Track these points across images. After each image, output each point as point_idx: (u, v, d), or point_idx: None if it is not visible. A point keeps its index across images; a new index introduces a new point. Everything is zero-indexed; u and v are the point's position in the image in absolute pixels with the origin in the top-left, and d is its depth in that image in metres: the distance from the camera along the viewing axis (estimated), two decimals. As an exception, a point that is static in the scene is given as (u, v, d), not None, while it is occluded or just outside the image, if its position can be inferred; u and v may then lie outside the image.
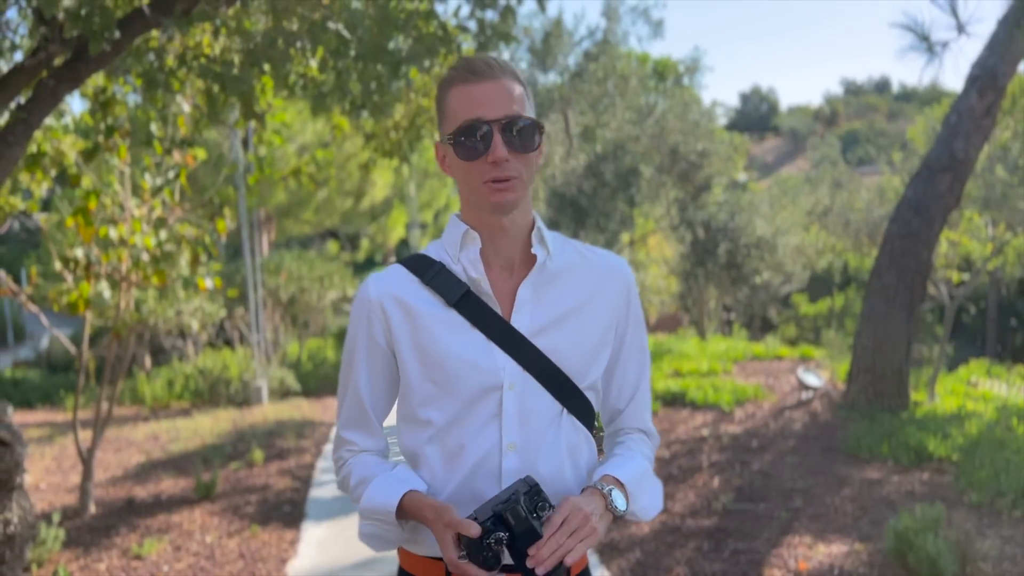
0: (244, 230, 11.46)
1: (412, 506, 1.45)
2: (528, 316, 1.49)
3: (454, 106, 1.45)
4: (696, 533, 4.87)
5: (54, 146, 5.50)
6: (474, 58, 1.47)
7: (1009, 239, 9.54)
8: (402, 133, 6.78)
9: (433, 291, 1.50)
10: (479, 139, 1.41)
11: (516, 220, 1.49)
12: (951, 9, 7.58)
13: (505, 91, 1.43)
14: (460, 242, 1.51)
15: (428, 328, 1.48)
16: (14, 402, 11.40)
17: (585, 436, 1.55)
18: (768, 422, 7.60)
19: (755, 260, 14.93)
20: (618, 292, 1.57)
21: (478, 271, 1.48)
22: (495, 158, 1.40)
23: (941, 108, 12.30)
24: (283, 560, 4.83)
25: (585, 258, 1.58)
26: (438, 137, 1.50)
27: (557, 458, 1.49)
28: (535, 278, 1.50)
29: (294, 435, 8.39)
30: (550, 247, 1.51)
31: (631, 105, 15.48)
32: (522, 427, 1.47)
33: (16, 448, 3.62)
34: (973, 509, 5.07)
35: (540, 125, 1.45)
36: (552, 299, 1.51)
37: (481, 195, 1.44)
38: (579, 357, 1.51)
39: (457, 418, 1.48)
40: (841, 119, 76.53)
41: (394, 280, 1.53)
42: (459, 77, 1.45)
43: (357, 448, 1.59)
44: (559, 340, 1.49)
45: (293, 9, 4.19)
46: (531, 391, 1.48)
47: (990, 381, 10.53)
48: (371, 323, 1.52)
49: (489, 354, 1.47)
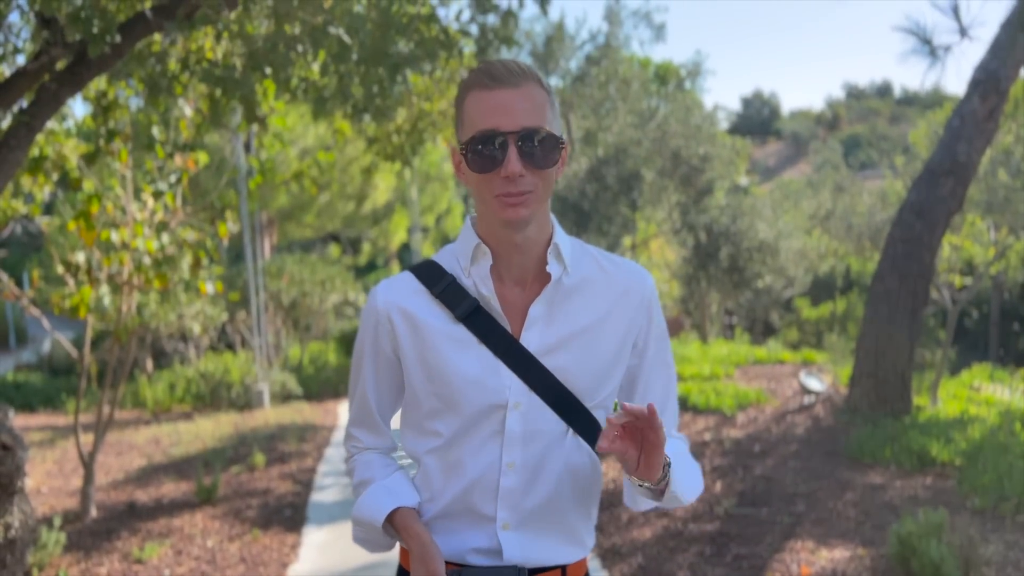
0: (246, 234, 11.46)
1: (400, 525, 1.44)
2: (539, 335, 1.45)
3: (471, 113, 1.38)
4: (698, 538, 4.86)
5: (56, 150, 5.51)
6: (496, 62, 1.38)
7: (1012, 243, 9.52)
8: (404, 137, 6.78)
9: (442, 304, 1.46)
10: (494, 150, 1.34)
11: (530, 236, 1.42)
12: (954, 13, 7.57)
13: (525, 100, 1.35)
14: (471, 255, 1.46)
15: (434, 344, 1.45)
16: (16, 405, 11.41)
17: (590, 456, 1.51)
18: (770, 426, 7.59)
19: (757, 264, 14.92)
20: (637, 306, 1.51)
21: (488, 288, 1.44)
22: (508, 173, 1.33)
23: (943, 112, 12.30)
24: (284, 564, 4.82)
25: (604, 271, 1.51)
26: (455, 142, 1.46)
27: (558, 479, 1.46)
28: (549, 295, 1.45)
29: (295, 439, 8.38)
30: (567, 261, 1.45)
31: (633, 109, 15.49)
32: (524, 447, 1.44)
33: (17, 452, 3.62)
34: (976, 514, 5.05)
35: (560, 139, 1.38)
36: (565, 316, 1.46)
37: (493, 209, 1.38)
38: (590, 376, 1.46)
39: (460, 433, 1.45)
40: (843, 123, 76.56)
41: (403, 290, 1.50)
42: (478, 82, 1.37)
43: (362, 445, 1.59)
44: (569, 359, 1.45)
45: (295, 13, 4.19)
46: (536, 410, 1.44)
47: (993, 385, 10.51)
48: (378, 333, 1.50)
49: (495, 372, 1.43)
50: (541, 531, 1.47)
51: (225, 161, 11.98)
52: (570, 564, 1.51)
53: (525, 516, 1.45)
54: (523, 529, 1.46)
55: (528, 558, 1.45)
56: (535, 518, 1.46)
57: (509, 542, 1.45)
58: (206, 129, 5.80)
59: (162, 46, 4.80)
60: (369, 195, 20.28)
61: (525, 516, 1.45)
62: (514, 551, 1.45)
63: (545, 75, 18.25)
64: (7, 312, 20.80)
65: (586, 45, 17.80)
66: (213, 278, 6.61)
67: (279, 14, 4.20)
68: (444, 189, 25.16)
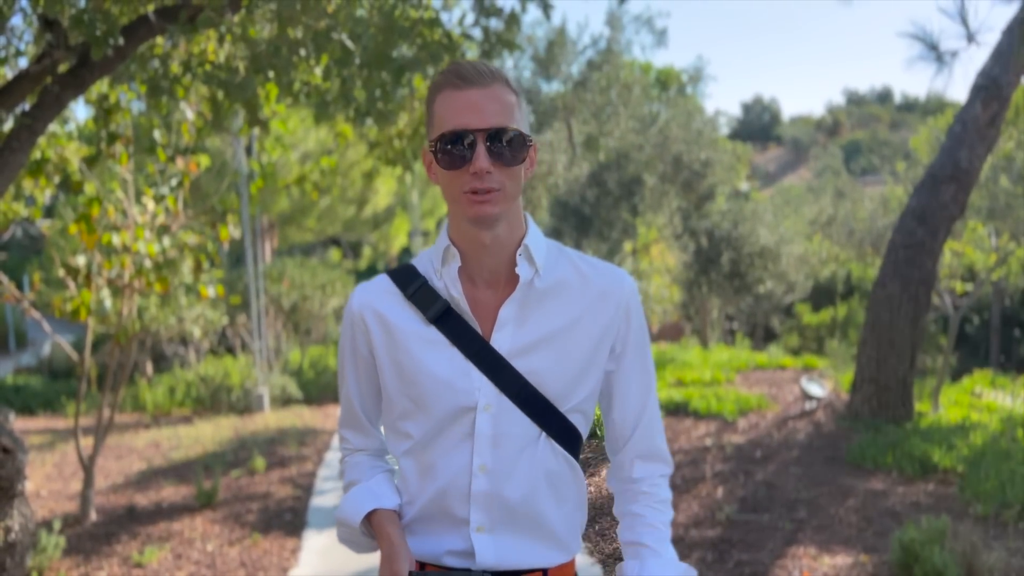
0: (246, 237, 11.46)
1: (377, 525, 1.47)
2: (509, 336, 1.44)
3: (440, 112, 1.39)
4: (700, 544, 4.84)
5: (57, 152, 5.50)
6: (464, 63, 1.40)
7: (1013, 249, 9.51)
8: (406, 141, 6.77)
9: (414, 306, 1.47)
10: (463, 148, 1.36)
11: (500, 236, 1.42)
12: (961, 18, 7.57)
13: (494, 100, 1.37)
14: (442, 257, 1.46)
15: (406, 345, 1.46)
16: (16, 408, 11.40)
17: (567, 461, 1.49)
18: (772, 432, 7.57)
19: (758, 269, 14.91)
20: (614, 311, 1.49)
21: (457, 290, 1.44)
22: (476, 169, 1.34)
23: (944, 118, 12.29)
24: (284, 569, 4.81)
25: (581, 274, 1.50)
26: (426, 145, 1.47)
27: (531, 483, 1.45)
28: (520, 297, 1.44)
29: (296, 443, 8.37)
30: (540, 263, 1.45)
31: (634, 114, 15.50)
32: (494, 449, 1.44)
33: (17, 455, 3.61)
34: (979, 521, 5.04)
35: (528, 137, 1.39)
36: (537, 319, 1.45)
37: (461, 207, 1.38)
38: (561, 380, 1.45)
39: (431, 436, 1.46)
40: (843, 129, 76.57)
41: (377, 292, 1.52)
42: (447, 82, 1.39)
43: (352, 446, 1.62)
44: (540, 362, 1.44)
45: (298, 17, 4.19)
46: (506, 413, 1.44)
47: (994, 392, 10.49)
48: (354, 334, 1.52)
49: (465, 374, 1.44)
50: (517, 534, 1.46)
51: (226, 165, 11.99)
52: (551, 567, 1.50)
53: (499, 519, 1.45)
54: (498, 532, 1.45)
55: (502, 560, 1.45)
56: (510, 521, 1.46)
57: (483, 544, 1.45)
58: (207, 132, 5.80)
59: (164, 49, 4.80)
60: (370, 199, 20.29)
61: (499, 519, 1.45)
62: (487, 554, 1.45)
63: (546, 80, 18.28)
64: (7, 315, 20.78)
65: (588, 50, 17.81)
66: (214, 282, 6.61)
67: (282, 18, 4.20)
68: (445, 193, 25.14)
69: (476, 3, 4.55)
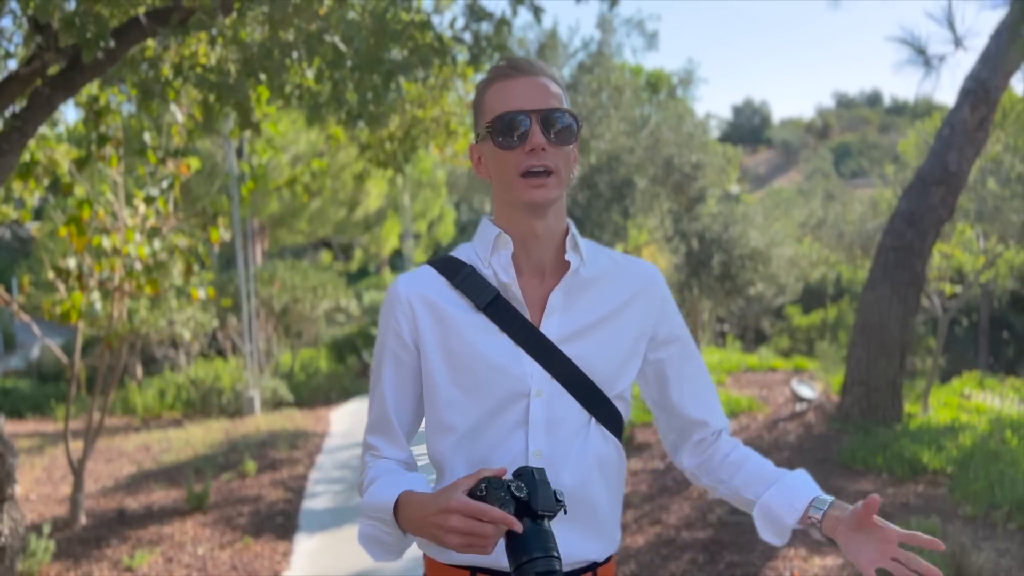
0: (237, 239, 11.44)
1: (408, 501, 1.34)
2: (557, 323, 1.47)
3: (492, 102, 1.45)
4: (691, 545, 4.85)
5: (47, 155, 5.48)
6: (517, 57, 1.48)
7: (1001, 252, 9.57)
8: (397, 144, 6.77)
9: (462, 294, 1.47)
10: (518, 127, 1.41)
11: (550, 225, 1.47)
12: (948, 23, 7.62)
13: (544, 87, 1.44)
14: (492, 245, 1.48)
15: (458, 330, 1.46)
16: (4, 412, 11.33)
17: (615, 446, 1.52)
18: (762, 434, 7.60)
19: (749, 272, 14.94)
20: (651, 301, 1.55)
21: (509, 275, 1.46)
22: (533, 144, 1.39)
23: (932, 122, 12.36)
24: (276, 572, 4.80)
25: (619, 266, 1.55)
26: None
27: (584, 468, 1.46)
28: (567, 284, 1.48)
29: (287, 446, 8.35)
30: (584, 254, 1.49)
31: (625, 117, 15.50)
32: (549, 435, 1.44)
33: (7, 459, 3.59)
34: (968, 522, 5.07)
35: (578, 119, 1.44)
36: (583, 306, 1.49)
37: (516, 191, 1.42)
38: (608, 365, 1.48)
39: (481, 424, 1.44)
40: (833, 132, 76.90)
41: (424, 280, 1.51)
42: (500, 74, 1.46)
43: (379, 454, 1.52)
44: (588, 348, 1.47)
45: (290, 20, 4.19)
46: (558, 398, 1.45)
47: (983, 393, 10.56)
48: (399, 321, 1.49)
49: (517, 360, 1.44)
50: (571, 522, 1.43)
51: (217, 167, 11.96)
52: (601, 563, 1.50)
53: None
54: (554, 521, 1.42)
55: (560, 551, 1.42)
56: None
57: None
58: (198, 135, 5.78)
59: (155, 51, 4.79)
60: (361, 201, 20.27)
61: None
62: None
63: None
64: (-4, 318, 20.65)
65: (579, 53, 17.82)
66: (204, 284, 6.59)
67: (274, 20, 4.20)
68: (436, 196, 25.15)
69: (467, 7, 4.56)
